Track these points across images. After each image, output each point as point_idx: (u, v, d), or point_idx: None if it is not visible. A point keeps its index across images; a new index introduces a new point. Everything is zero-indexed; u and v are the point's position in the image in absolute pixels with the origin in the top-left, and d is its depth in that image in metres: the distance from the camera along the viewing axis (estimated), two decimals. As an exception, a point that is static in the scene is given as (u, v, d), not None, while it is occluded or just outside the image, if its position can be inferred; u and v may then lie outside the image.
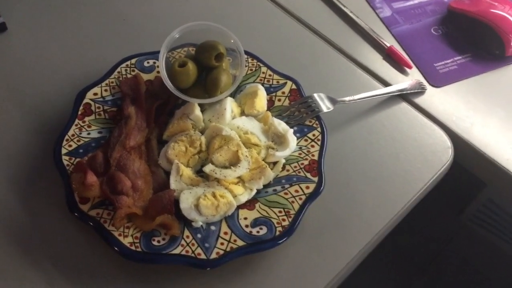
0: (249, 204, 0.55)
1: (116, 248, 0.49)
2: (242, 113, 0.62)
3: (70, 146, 0.57)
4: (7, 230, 0.54)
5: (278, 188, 0.56)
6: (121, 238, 0.50)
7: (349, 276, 0.55)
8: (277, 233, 0.51)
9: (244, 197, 0.54)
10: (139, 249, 0.49)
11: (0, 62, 0.69)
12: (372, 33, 0.76)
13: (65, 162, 0.55)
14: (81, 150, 0.57)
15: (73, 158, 0.56)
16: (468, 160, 0.67)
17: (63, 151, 0.56)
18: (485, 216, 1.12)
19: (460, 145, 0.66)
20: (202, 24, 0.60)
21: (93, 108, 0.61)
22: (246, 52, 0.62)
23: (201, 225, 0.52)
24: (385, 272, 1.20)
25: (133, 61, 0.65)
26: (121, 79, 0.63)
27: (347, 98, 0.65)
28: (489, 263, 1.20)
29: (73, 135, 0.58)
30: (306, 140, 0.60)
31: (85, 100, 0.61)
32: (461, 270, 1.20)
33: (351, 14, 0.78)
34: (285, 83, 0.65)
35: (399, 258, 1.22)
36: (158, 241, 0.50)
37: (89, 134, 0.58)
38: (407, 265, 1.21)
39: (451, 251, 1.23)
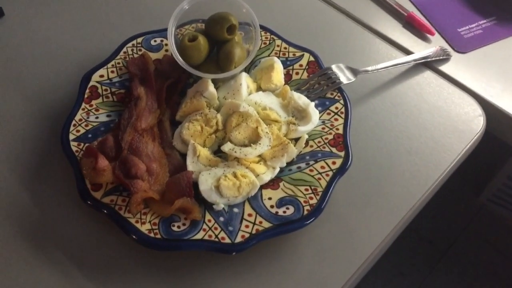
0: (273, 184, 0.51)
1: (134, 236, 0.46)
2: (259, 89, 0.58)
3: (78, 131, 0.53)
4: (16, 221, 0.50)
5: (303, 165, 0.52)
6: (138, 225, 0.47)
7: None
8: (305, 212, 0.48)
9: (267, 176, 0.51)
10: (158, 236, 0.46)
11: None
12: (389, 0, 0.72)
13: (74, 148, 0.52)
14: (89, 135, 0.53)
15: (82, 144, 0.52)
16: (500, 127, 0.63)
17: (71, 136, 0.53)
18: (505, 195, 1.08)
19: (492, 112, 0.61)
20: (213, -7, 0.56)
21: (100, 90, 0.57)
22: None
23: (223, 208, 0.49)
24: (406, 259, 1.17)
25: (140, 40, 0.61)
26: (127, 59, 0.59)
27: (369, 68, 0.60)
28: (510, 243, 1.17)
29: (80, 119, 0.54)
30: (328, 114, 0.56)
31: (91, 83, 0.57)
32: (482, 252, 1.17)
33: (365, -18, 0.74)
34: (302, 55, 0.61)
35: (419, 243, 1.19)
36: (178, 227, 0.47)
37: (97, 118, 0.55)
38: (428, 250, 1.19)
39: (471, 233, 1.20)
